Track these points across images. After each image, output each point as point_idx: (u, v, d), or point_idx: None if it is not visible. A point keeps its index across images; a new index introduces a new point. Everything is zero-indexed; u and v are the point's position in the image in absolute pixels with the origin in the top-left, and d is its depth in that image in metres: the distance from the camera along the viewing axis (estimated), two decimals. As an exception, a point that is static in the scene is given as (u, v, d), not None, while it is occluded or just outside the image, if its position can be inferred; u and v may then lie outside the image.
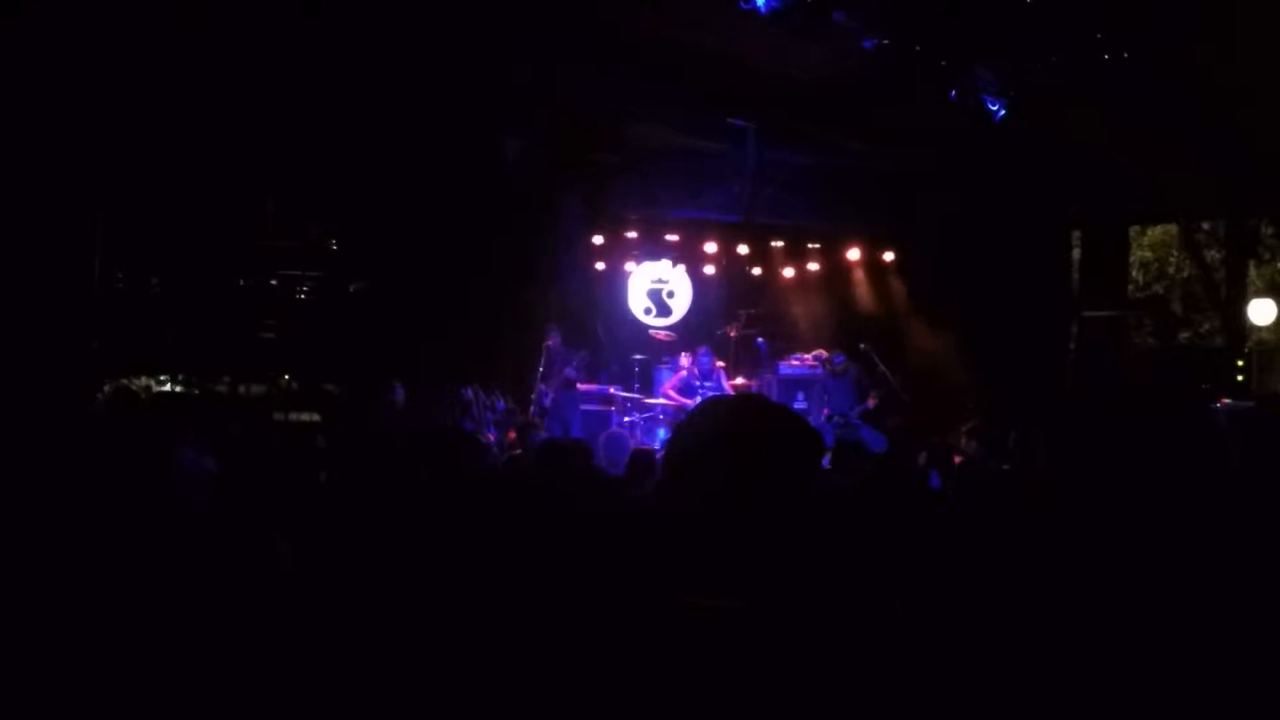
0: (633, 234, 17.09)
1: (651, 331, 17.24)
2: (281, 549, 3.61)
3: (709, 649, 2.09)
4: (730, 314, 17.21)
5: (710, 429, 2.40)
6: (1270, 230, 21.19)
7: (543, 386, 15.22)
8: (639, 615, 2.21)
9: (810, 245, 18.00)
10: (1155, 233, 23.29)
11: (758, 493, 2.23)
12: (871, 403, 15.79)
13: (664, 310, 18.00)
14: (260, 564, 3.64)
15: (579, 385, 15.51)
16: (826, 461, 9.36)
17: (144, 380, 15.80)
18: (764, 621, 2.13)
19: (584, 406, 15.56)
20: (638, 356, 16.21)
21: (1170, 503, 3.38)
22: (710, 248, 17.48)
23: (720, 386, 15.56)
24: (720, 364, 16.09)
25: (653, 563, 2.51)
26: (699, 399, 15.14)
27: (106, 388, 11.98)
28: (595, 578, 3.60)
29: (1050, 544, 3.61)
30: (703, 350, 15.70)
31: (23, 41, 8.87)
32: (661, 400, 15.76)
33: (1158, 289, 23.57)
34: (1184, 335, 22.06)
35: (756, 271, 18.12)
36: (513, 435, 10.89)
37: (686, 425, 2.44)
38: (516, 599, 3.75)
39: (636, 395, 15.80)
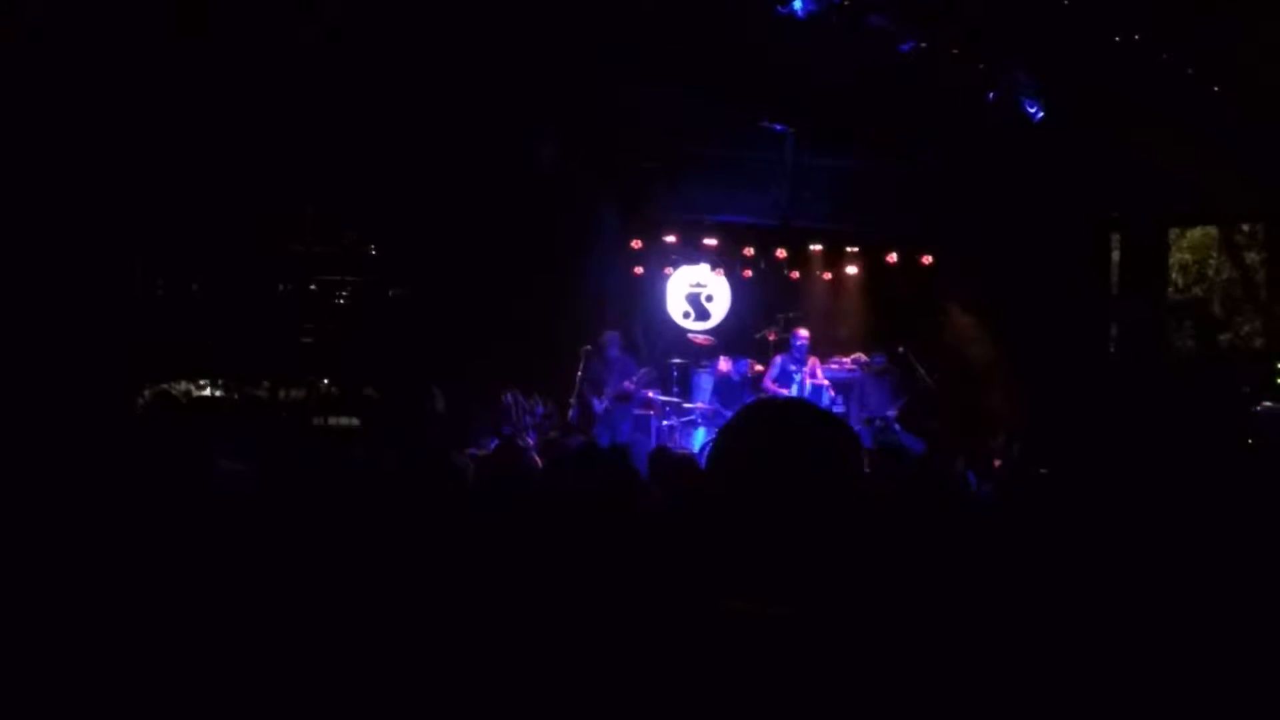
0: (671, 238, 17.09)
1: (690, 335, 17.25)
2: (314, 550, 3.64)
3: (753, 655, 2.10)
4: (769, 317, 17.19)
5: (752, 433, 2.40)
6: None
7: (594, 397, 15.27)
8: (682, 621, 2.22)
9: (848, 249, 18.01)
10: (1195, 235, 23.09)
11: (800, 498, 2.24)
12: (906, 397, 15.80)
13: (702, 314, 18.00)
14: (293, 565, 3.67)
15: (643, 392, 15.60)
16: (867, 466, 9.36)
17: (184, 385, 15.87)
18: (809, 627, 2.13)
19: (635, 412, 15.61)
20: (676, 360, 16.21)
21: (1214, 505, 3.38)
22: (749, 252, 17.49)
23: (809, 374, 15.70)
24: (759, 367, 16.13)
25: (695, 568, 2.52)
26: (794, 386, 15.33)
27: (147, 392, 12.05)
28: (637, 583, 3.61)
29: (1092, 547, 3.60)
30: (801, 334, 15.81)
31: (62, 50, 8.94)
32: (699, 404, 15.80)
33: (1197, 291, 23.38)
34: (1224, 337, 21.88)
35: (795, 275, 18.09)
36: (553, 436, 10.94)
37: (730, 430, 2.45)
38: (553, 603, 3.76)
39: (675, 399, 15.80)
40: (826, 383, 15.81)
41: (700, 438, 15.28)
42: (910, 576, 3.56)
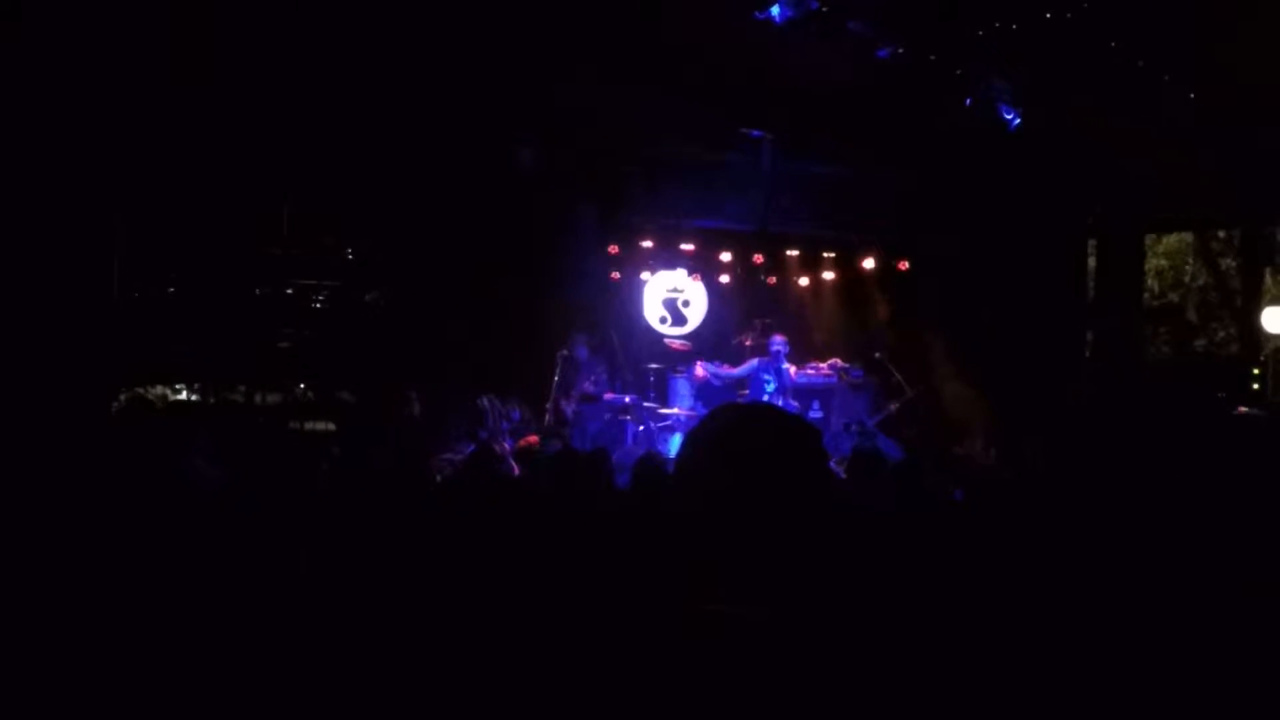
0: (648, 243, 17.04)
1: (667, 341, 17.23)
2: (298, 553, 3.63)
3: (716, 658, 2.09)
4: (746, 323, 17.19)
5: (718, 438, 2.40)
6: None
7: (562, 400, 15.26)
8: (645, 624, 2.21)
9: (826, 254, 18.00)
10: (1171, 241, 23.20)
11: (765, 500, 2.23)
12: (894, 406, 15.82)
13: (679, 319, 17.98)
14: (276, 567, 3.65)
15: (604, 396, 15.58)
16: (843, 471, 9.38)
17: (160, 389, 15.81)
18: (772, 629, 2.13)
19: (606, 415, 15.58)
20: (653, 365, 16.20)
21: (1188, 512, 3.39)
22: (726, 257, 17.50)
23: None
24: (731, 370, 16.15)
25: (660, 571, 2.52)
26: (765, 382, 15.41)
27: (122, 396, 12.00)
28: (603, 586, 3.60)
29: (1067, 553, 3.61)
30: (778, 339, 15.83)
31: (39, 54, 8.91)
32: (676, 410, 15.79)
33: (1173, 297, 23.47)
34: (1199, 344, 21.98)
35: (772, 281, 18.08)
36: (534, 440, 10.87)
37: (696, 434, 2.44)
38: (524, 607, 3.76)
39: (652, 404, 15.79)
40: (795, 405, 15.84)
41: (677, 443, 15.27)
42: (882, 582, 3.57)
